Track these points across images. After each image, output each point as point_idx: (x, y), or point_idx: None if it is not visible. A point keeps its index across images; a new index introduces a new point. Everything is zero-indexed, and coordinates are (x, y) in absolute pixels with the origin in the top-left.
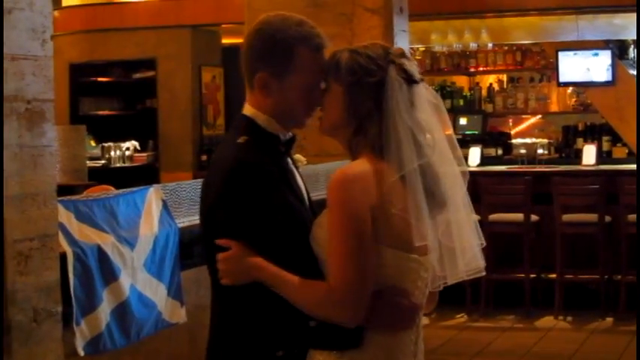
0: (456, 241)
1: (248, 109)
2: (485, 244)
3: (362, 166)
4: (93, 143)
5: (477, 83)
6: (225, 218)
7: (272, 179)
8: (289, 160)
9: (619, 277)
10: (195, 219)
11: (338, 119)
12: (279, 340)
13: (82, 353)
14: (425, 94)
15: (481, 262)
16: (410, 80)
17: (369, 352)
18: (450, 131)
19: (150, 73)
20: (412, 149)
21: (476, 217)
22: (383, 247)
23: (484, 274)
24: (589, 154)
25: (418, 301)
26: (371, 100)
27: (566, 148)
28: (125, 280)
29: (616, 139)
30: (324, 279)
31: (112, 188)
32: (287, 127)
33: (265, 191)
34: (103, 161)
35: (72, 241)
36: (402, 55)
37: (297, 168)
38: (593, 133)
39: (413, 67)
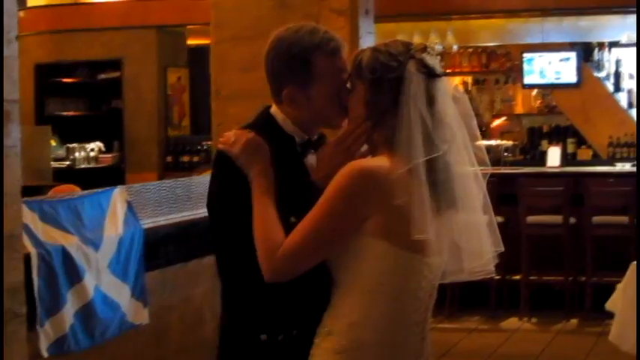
0: (465, 243)
1: (273, 107)
2: (502, 249)
3: (379, 162)
4: (53, 142)
5: None
6: (208, 203)
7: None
8: (313, 158)
9: (584, 278)
10: (159, 220)
11: (360, 117)
12: (264, 325)
13: (46, 354)
14: (447, 88)
15: (489, 266)
16: (431, 74)
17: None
18: (473, 125)
19: (115, 74)
20: (422, 143)
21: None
22: (385, 243)
23: (493, 275)
24: (554, 156)
25: (423, 302)
26: (390, 96)
27: (532, 150)
28: (90, 281)
29: (581, 141)
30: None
31: (78, 188)
32: (313, 131)
33: (233, 182)
34: (67, 162)
35: (36, 242)
36: (424, 50)
37: None
38: (558, 135)
39: (434, 62)
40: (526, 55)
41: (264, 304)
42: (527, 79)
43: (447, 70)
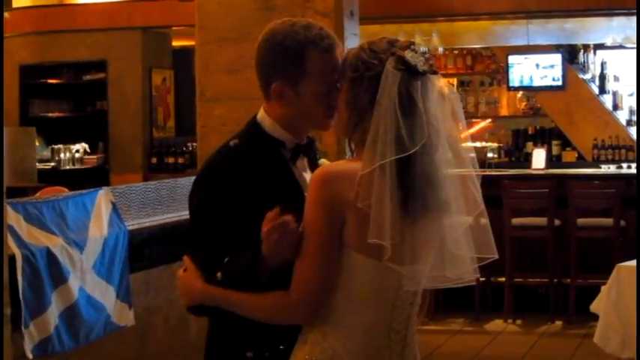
0: (448, 248)
1: (260, 113)
2: (475, 256)
3: (348, 164)
4: (37, 143)
5: None
6: (190, 214)
7: (236, 186)
8: (303, 164)
9: (568, 280)
10: (144, 221)
11: (343, 118)
12: (250, 342)
13: (30, 356)
14: (432, 86)
15: (472, 274)
16: (411, 72)
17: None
18: (462, 126)
19: (100, 75)
20: (391, 143)
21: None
22: (359, 255)
23: (473, 283)
24: (539, 158)
25: (403, 310)
26: (368, 95)
27: (516, 152)
28: (74, 283)
29: (566, 143)
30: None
31: (65, 189)
32: (302, 133)
33: (222, 196)
34: (52, 163)
35: (21, 243)
36: (407, 46)
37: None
38: (542, 137)
39: (417, 59)
40: (511, 57)
41: (249, 321)
42: (512, 82)
43: None
